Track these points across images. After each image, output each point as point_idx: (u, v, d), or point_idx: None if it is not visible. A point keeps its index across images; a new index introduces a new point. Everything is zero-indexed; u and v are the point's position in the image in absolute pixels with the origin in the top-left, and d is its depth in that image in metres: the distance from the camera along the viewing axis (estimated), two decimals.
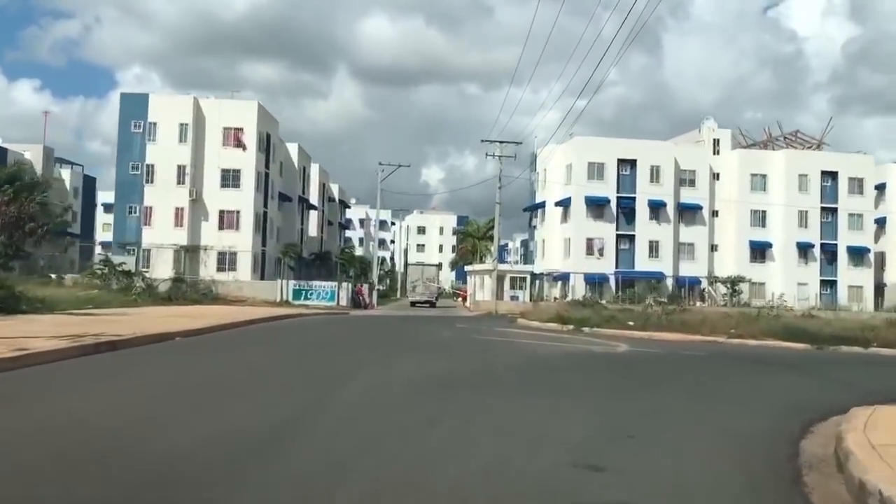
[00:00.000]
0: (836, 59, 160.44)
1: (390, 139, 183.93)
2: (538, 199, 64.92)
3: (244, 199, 54.02)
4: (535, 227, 66.24)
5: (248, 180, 54.25)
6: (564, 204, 60.39)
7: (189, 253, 52.67)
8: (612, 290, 58.38)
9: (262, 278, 55.14)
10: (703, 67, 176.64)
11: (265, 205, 57.73)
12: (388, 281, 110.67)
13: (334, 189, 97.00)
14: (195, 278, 51.44)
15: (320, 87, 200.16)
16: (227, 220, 54.13)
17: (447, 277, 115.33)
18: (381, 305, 61.96)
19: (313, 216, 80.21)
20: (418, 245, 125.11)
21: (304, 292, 51.67)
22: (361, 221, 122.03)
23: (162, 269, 51.38)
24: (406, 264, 68.46)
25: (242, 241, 53.63)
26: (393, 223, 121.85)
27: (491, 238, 73.98)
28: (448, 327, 26.32)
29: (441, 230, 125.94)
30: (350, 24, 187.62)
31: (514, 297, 56.95)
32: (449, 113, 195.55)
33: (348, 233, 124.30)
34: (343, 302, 51.46)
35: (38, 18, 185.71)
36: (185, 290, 49.88)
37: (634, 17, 70.79)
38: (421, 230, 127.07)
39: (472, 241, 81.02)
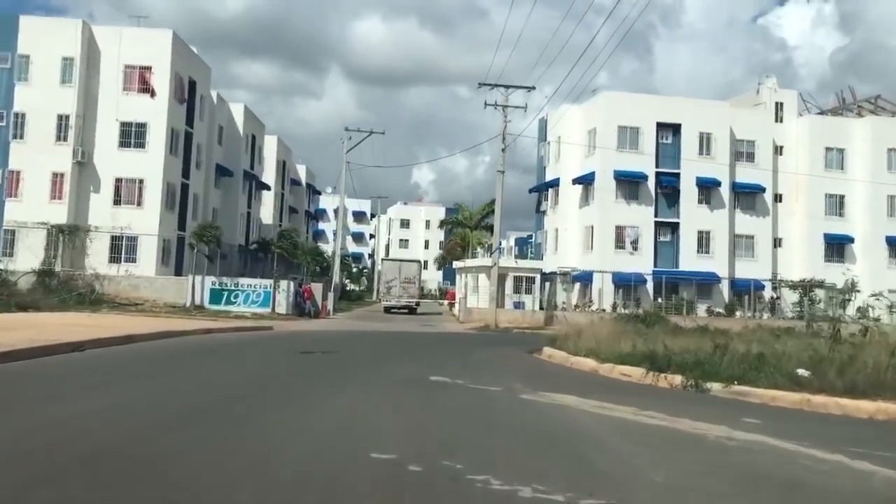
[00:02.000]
0: (825, 68, 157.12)
1: (382, 139, 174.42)
2: (549, 177, 50.32)
3: (151, 164, 39.11)
4: (543, 212, 51.58)
5: (158, 138, 39.34)
6: (586, 181, 45.83)
7: (67, 235, 37.77)
8: (650, 295, 43.90)
9: (180, 273, 40.32)
10: (693, 74, 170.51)
11: (185, 174, 42.82)
12: (365, 281, 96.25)
13: (301, 171, 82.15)
14: (71, 272, 36.75)
15: (313, 88, 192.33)
16: (126, 191, 39.23)
17: (433, 277, 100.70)
18: (343, 312, 47.24)
19: (268, 199, 65.35)
20: (401, 240, 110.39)
21: (226, 293, 37.14)
22: (336, 212, 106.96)
23: (28, 258, 36.63)
24: (383, 259, 53.75)
25: (146, 220, 38.75)
26: (373, 215, 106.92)
27: (487, 228, 59.29)
28: (409, 382, 11.50)
29: (427, 224, 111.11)
30: (343, 25, 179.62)
31: (518, 304, 42.66)
32: (440, 114, 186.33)
33: (321, 225, 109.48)
34: (282, 307, 37.04)
35: (31, 13, 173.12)
36: (54, 287, 35.43)
37: (625, 22, 56.17)
38: (404, 223, 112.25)
39: (462, 233, 66.32)
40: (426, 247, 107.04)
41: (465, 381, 12.03)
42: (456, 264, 50.91)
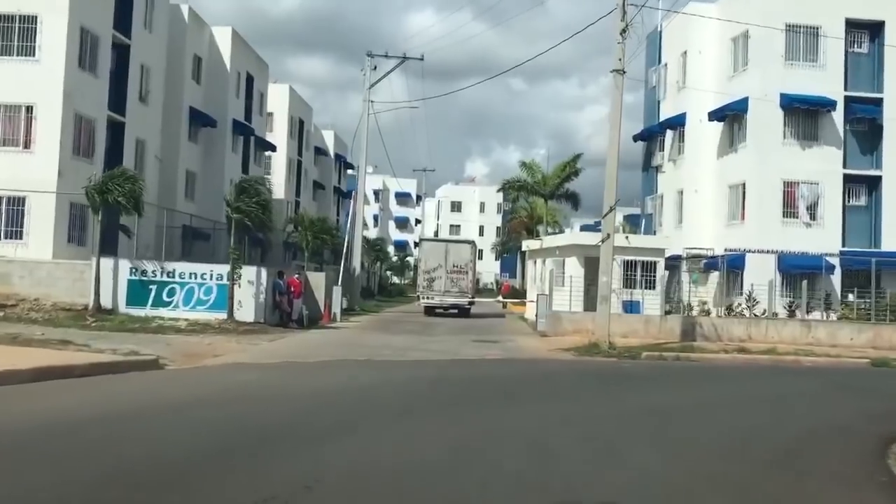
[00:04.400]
0: None
1: (434, 133, 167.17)
2: (666, 114, 34.25)
3: (45, 80, 24.49)
4: (657, 168, 35.41)
5: (55, 40, 24.69)
6: (732, 112, 29.77)
7: None
8: (836, 288, 27.82)
9: (104, 254, 25.61)
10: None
11: (117, 108, 28.20)
12: (411, 273, 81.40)
13: (327, 139, 67.37)
14: None
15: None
16: (6, 124, 24.75)
17: (488, 269, 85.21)
18: (365, 314, 32.34)
19: (277, 166, 50.81)
20: (452, 226, 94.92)
21: (155, 289, 22.46)
22: (377, 194, 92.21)
23: None
24: (423, 239, 37.91)
25: (37, 171, 24.17)
26: (419, 197, 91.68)
27: (567, 198, 43.46)
28: None
29: (482, 207, 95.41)
30: (396, 18, 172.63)
31: (629, 306, 27.13)
32: (494, 108, 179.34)
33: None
34: (247, 311, 22.15)
35: None
36: None
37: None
38: (455, 206, 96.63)
39: (530, 206, 50.41)
40: (481, 233, 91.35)
41: None
42: (527, 245, 35.19)
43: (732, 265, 28.62)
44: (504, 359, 17.38)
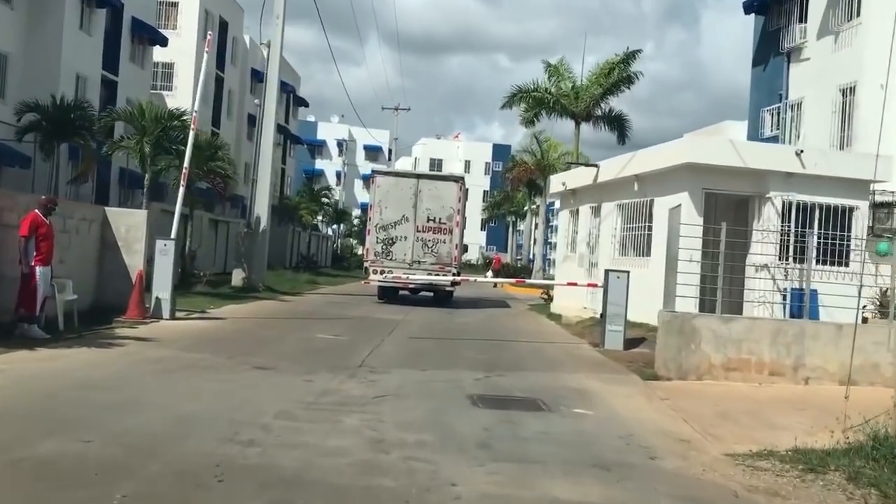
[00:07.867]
0: None
1: (419, 107, 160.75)
2: None
3: None
4: (789, 53, 20.57)
5: None
6: None
7: None
8: None
9: None
10: (740, 45, 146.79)
11: None
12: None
13: (271, 62, 51.93)
14: None
15: (353, 54, 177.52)
16: None
17: (473, 240, 70.46)
18: (280, 296, 17.25)
19: (181, 76, 35.84)
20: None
21: None
22: (341, 146, 76.93)
23: None
24: (376, 172, 23.00)
25: None
26: (390, 151, 76.56)
27: (609, 122, 28.48)
28: None
29: (467, 165, 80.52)
30: None
31: (798, 298, 12.06)
32: (479, 83, 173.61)
33: (319, 162, 79.91)
34: None
35: None
36: None
37: None
38: (435, 165, 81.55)
39: (541, 150, 35.11)
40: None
41: None
42: (563, 180, 20.04)
43: None
44: None
